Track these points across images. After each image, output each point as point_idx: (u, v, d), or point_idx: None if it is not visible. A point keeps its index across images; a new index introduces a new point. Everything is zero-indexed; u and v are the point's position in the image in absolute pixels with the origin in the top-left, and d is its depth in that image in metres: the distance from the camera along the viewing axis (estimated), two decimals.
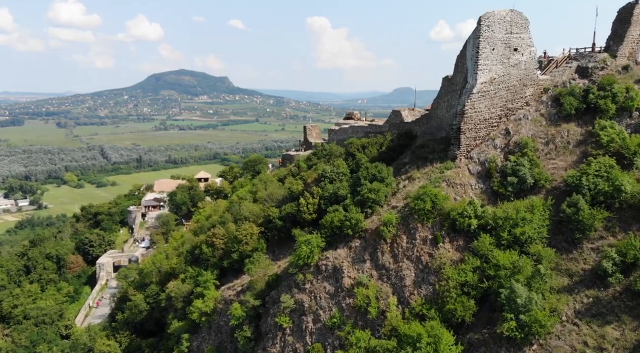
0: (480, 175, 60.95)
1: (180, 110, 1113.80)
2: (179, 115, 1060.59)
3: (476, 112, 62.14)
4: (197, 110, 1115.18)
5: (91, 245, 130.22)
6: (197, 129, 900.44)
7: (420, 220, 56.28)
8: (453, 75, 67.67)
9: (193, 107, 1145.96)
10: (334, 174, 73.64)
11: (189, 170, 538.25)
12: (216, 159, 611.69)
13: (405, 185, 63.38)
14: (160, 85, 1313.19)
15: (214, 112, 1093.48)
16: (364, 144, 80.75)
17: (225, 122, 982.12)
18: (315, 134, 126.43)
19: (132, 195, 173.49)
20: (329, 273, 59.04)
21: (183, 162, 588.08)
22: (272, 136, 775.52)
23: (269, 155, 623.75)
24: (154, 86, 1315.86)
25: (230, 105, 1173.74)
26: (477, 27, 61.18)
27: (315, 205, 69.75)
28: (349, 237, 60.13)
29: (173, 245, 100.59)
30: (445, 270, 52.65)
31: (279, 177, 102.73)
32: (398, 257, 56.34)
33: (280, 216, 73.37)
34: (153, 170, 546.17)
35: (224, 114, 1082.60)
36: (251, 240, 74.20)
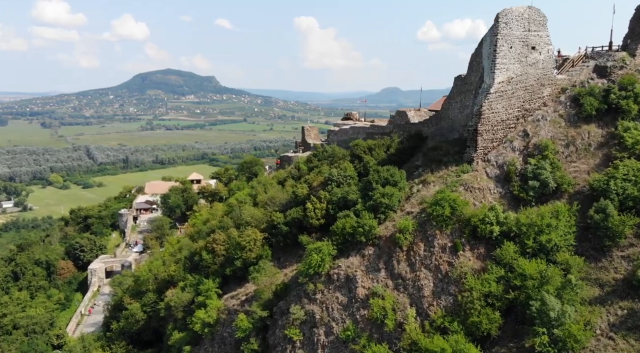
0: (498, 179, 58.28)
1: (167, 110, 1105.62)
2: (166, 115, 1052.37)
3: (493, 113, 59.50)
4: (184, 110, 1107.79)
5: (82, 250, 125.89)
6: (184, 128, 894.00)
7: (439, 227, 53.47)
8: (467, 74, 65.00)
9: (180, 107, 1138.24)
10: (341, 178, 70.60)
11: (176, 171, 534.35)
12: (204, 159, 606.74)
13: (419, 189, 60.57)
14: (146, 84, 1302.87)
15: (201, 112, 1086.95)
16: (370, 146, 77.81)
17: (212, 122, 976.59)
18: (314, 135, 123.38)
19: (123, 198, 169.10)
20: (341, 282, 56.04)
21: (170, 163, 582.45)
22: (261, 136, 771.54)
23: (258, 155, 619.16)
24: (140, 86, 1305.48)
25: (217, 105, 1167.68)
26: (495, 24, 58.54)
27: (323, 210, 66.71)
28: (362, 245, 57.21)
29: (169, 251, 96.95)
30: (467, 280, 49.88)
31: (278, 180, 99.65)
32: (415, 265, 53.50)
33: (285, 221, 70.20)
34: (140, 171, 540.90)
35: (211, 113, 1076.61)
36: (255, 246, 70.93)
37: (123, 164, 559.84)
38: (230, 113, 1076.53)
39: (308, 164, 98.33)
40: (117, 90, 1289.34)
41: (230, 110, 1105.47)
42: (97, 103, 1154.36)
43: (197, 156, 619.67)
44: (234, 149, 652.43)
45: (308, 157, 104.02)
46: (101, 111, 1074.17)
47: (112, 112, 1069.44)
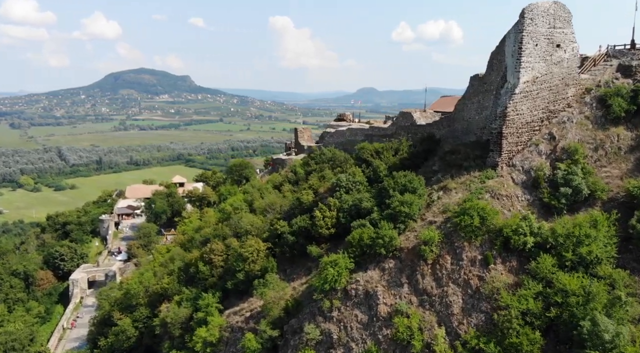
0: (525, 185, 54.58)
1: (140, 110, 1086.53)
2: (139, 115, 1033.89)
3: (518, 115, 55.82)
4: (158, 110, 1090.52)
5: (62, 259, 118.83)
6: (159, 128, 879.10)
7: (467, 238, 49.51)
8: (486, 73, 61.21)
9: (154, 107, 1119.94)
10: (350, 183, 66.38)
11: (152, 172, 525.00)
12: (180, 160, 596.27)
13: (440, 196, 56.54)
14: (119, 84, 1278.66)
15: (175, 112, 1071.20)
16: (377, 149, 73.74)
17: (187, 122, 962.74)
18: (307, 137, 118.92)
19: (102, 202, 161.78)
20: (360, 299, 51.72)
21: (145, 164, 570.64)
22: (238, 136, 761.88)
23: (236, 156, 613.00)
24: (112, 85, 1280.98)
25: (192, 105, 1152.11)
26: (520, 20, 54.85)
27: (333, 218, 62.34)
28: (381, 257, 52.98)
29: (159, 261, 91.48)
30: (502, 297, 45.95)
31: (274, 184, 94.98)
32: (442, 280, 49.45)
33: (291, 231, 65.60)
34: (114, 172, 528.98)
35: (186, 113, 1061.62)
36: (258, 257, 66.23)
37: (96, 166, 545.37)
38: (205, 113, 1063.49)
39: (305, 167, 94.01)
40: (88, 89, 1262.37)
41: (205, 110, 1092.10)
42: (68, 103, 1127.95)
43: (172, 157, 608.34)
44: (211, 150, 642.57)
45: (304, 160, 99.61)
46: (72, 111, 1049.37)
47: (83, 112, 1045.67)
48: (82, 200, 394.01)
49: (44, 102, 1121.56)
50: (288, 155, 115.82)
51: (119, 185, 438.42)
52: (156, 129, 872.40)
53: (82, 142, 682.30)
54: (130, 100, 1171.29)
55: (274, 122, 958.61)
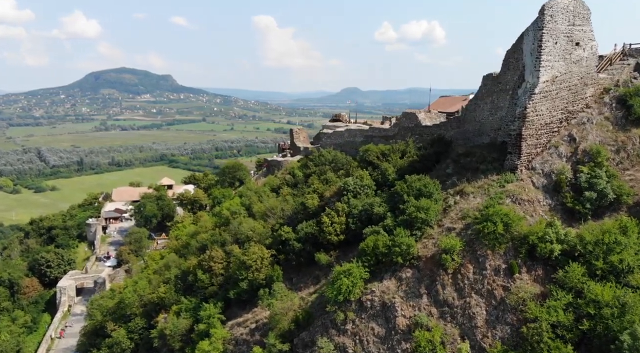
0: (547, 189, 52.28)
1: (121, 110, 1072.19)
2: (121, 115, 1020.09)
3: (537, 116, 53.52)
4: (140, 110, 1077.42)
5: (48, 265, 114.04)
6: (141, 129, 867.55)
7: (491, 246, 47.02)
8: (501, 72, 58.77)
9: (135, 107, 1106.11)
10: (358, 187, 63.60)
11: (134, 173, 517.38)
12: (163, 161, 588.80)
13: (457, 201, 54.00)
14: (99, 83, 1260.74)
15: (157, 112, 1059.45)
16: (383, 151, 71.09)
17: (170, 122, 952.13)
18: (303, 138, 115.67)
19: (88, 206, 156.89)
20: (376, 311, 48.97)
21: (128, 164, 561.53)
22: (222, 136, 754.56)
23: (220, 156, 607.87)
24: (92, 85, 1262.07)
25: (174, 104, 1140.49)
26: (540, 17, 52.50)
27: (342, 224, 59.48)
28: (397, 266, 50.32)
29: (153, 268, 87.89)
30: (530, 308, 43.49)
31: (271, 187, 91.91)
32: (464, 290, 46.89)
33: (297, 237, 62.61)
34: (96, 173, 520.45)
35: (168, 113, 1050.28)
36: (262, 265, 63.14)
37: (77, 167, 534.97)
38: (188, 112, 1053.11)
39: (304, 169, 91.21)
40: (68, 89, 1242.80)
41: (188, 110, 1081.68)
42: (48, 103, 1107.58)
43: (155, 157, 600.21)
44: (195, 150, 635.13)
45: (302, 162, 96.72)
46: (52, 111, 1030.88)
47: (63, 112, 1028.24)
48: (63, 201, 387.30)
49: (22, 102, 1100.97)
50: (284, 156, 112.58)
51: (101, 187, 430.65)
52: (138, 129, 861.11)
53: (62, 142, 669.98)
54: (111, 100, 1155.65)
55: (258, 122, 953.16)
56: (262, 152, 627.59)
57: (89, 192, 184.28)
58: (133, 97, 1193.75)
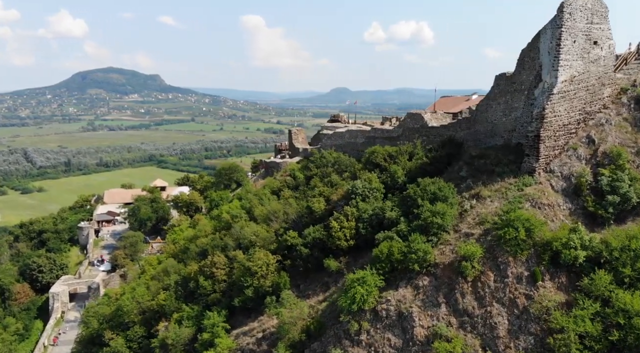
0: (566, 192, 50.51)
1: (109, 110, 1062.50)
2: (108, 115, 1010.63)
3: (556, 117, 51.79)
4: (128, 110, 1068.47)
5: (40, 270, 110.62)
6: (128, 129, 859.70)
7: (512, 253, 45.17)
8: (516, 72, 56.95)
9: (123, 107, 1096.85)
10: (367, 191, 61.56)
11: (123, 174, 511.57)
12: (152, 161, 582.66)
13: (473, 205, 52.11)
14: (86, 83, 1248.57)
15: (145, 112, 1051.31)
16: (390, 153, 69.16)
17: (158, 122, 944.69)
18: (301, 139, 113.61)
19: (79, 208, 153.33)
20: (392, 320, 46.94)
21: (116, 165, 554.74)
22: (211, 136, 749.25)
23: (210, 156, 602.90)
24: (79, 85, 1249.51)
25: (163, 104, 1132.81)
26: (559, 15, 50.76)
27: (352, 229, 57.39)
28: (413, 274, 48.36)
29: (150, 273, 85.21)
30: (556, 317, 41.66)
31: (272, 190, 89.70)
32: (485, 299, 44.99)
33: (305, 242, 60.45)
34: (84, 174, 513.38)
35: (156, 113, 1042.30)
36: (268, 272, 60.94)
37: (65, 167, 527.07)
38: (176, 112, 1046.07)
39: (305, 171, 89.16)
40: (55, 89, 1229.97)
41: (176, 110, 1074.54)
42: (34, 103, 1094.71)
43: (144, 158, 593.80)
44: (184, 150, 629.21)
45: (303, 164, 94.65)
46: (38, 111, 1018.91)
47: (50, 113, 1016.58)
48: (50, 203, 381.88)
49: (8, 102, 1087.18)
50: (282, 157, 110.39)
51: (89, 188, 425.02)
52: (126, 129, 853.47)
53: (49, 143, 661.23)
54: (99, 99, 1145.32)
55: (247, 122, 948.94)
56: (253, 152, 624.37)
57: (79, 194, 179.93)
58: (121, 97, 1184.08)
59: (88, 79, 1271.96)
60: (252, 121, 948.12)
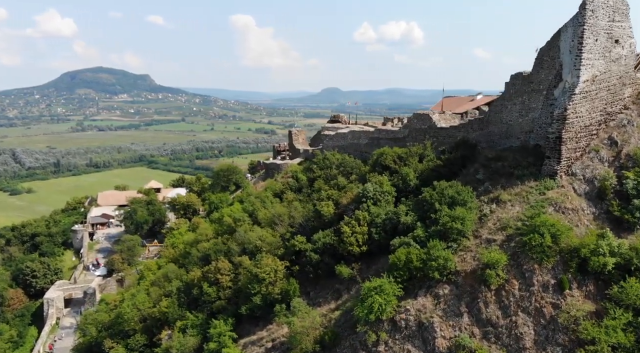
0: (589, 196, 48.79)
1: (98, 110, 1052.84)
2: (97, 115, 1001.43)
3: (577, 117, 50.05)
4: (117, 110, 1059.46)
5: (34, 275, 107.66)
6: (118, 129, 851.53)
7: (538, 260, 43.32)
8: (533, 71, 55.15)
9: (112, 107, 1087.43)
10: (378, 194, 59.54)
11: (113, 174, 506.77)
12: (142, 162, 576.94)
13: (492, 209, 50.24)
14: (75, 83, 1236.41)
15: (135, 112, 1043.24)
16: (400, 155, 67.12)
17: (148, 122, 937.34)
18: (302, 140, 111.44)
19: (72, 210, 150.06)
20: (411, 331, 44.92)
21: (106, 166, 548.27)
22: (202, 136, 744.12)
23: (201, 157, 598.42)
24: (68, 85, 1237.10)
25: (153, 104, 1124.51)
26: (581, 13, 48.97)
27: (365, 234, 55.35)
28: (432, 282, 46.38)
29: (150, 279, 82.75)
30: (586, 328, 39.84)
31: (274, 192, 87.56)
32: (509, 309, 43.09)
33: (314, 248, 58.31)
34: (73, 175, 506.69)
35: (146, 113, 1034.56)
36: (277, 278, 58.78)
37: (54, 168, 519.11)
38: (166, 112, 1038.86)
39: (308, 173, 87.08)
40: (43, 89, 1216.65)
41: (166, 110, 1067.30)
42: (22, 103, 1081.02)
43: (134, 158, 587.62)
44: (175, 150, 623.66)
45: (306, 166, 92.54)
46: (26, 112, 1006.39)
47: (38, 113, 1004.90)
48: (40, 204, 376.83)
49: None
50: (282, 159, 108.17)
51: (80, 189, 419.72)
52: (115, 130, 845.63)
53: (37, 143, 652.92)
54: (88, 99, 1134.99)
55: (238, 122, 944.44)
56: (244, 153, 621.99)
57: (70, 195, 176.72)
58: (110, 97, 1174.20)
59: (77, 79, 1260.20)
60: (243, 121, 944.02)
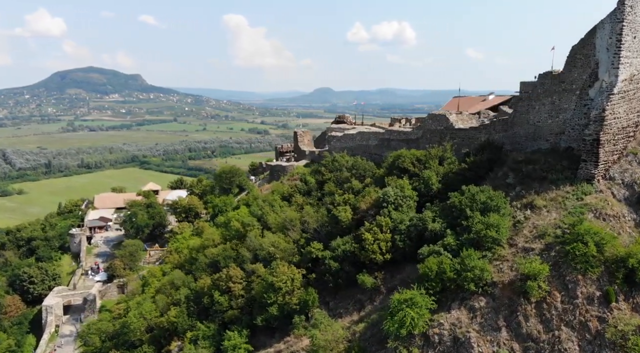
0: (629, 201, 46.31)
1: (89, 110, 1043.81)
2: (88, 115, 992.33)
3: (615, 119, 47.56)
4: (108, 110, 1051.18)
5: (31, 281, 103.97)
6: (109, 129, 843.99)
7: (582, 271, 40.72)
8: (565, 70, 52.56)
9: (103, 107, 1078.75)
10: (400, 199, 56.78)
11: (105, 175, 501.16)
12: (135, 162, 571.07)
13: (527, 216, 47.59)
14: (66, 83, 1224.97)
15: (126, 112, 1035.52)
16: (419, 157, 64.41)
17: (140, 122, 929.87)
18: (307, 141, 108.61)
19: (68, 213, 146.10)
20: (446, 346, 42.17)
21: (98, 166, 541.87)
22: (194, 136, 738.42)
23: (194, 157, 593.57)
24: (59, 84, 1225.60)
25: (144, 104, 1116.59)
26: (620, 9, 46.46)
27: (388, 242, 52.55)
28: (466, 294, 43.68)
29: (155, 286, 79.65)
30: (636, 343, 37.29)
31: (281, 195, 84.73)
32: (551, 322, 40.44)
33: (333, 256, 55.45)
34: (65, 176, 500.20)
35: (138, 113, 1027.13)
36: (294, 287, 55.92)
37: (45, 169, 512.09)
38: (158, 112, 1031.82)
39: (316, 176, 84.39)
40: (33, 89, 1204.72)
41: (158, 110, 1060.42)
42: (12, 103, 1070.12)
43: (126, 159, 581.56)
44: (167, 151, 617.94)
45: (314, 168, 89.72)
46: (16, 112, 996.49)
47: (28, 113, 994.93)
48: (31, 206, 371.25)
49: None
50: (287, 161, 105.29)
51: (72, 189, 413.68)
52: (107, 130, 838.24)
53: (28, 144, 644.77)
54: (79, 99, 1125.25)
55: (230, 122, 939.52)
56: (238, 153, 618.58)
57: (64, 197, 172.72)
58: (101, 97, 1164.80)
59: (67, 79, 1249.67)
60: (235, 121, 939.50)
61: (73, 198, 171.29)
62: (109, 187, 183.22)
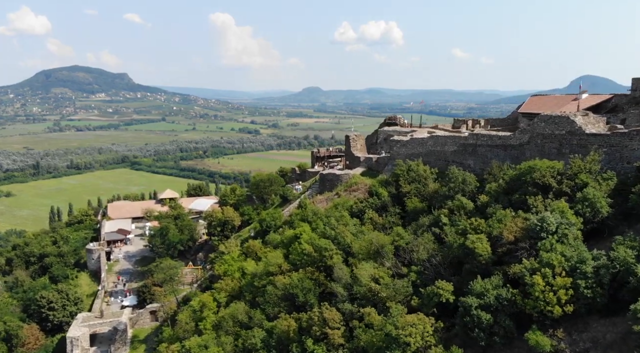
0: None
1: (75, 110, 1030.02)
2: (75, 115, 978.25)
3: None
4: (95, 109, 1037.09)
5: (51, 307, 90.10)
6: (97, 129, 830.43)
7: None
8: None
9: (90, 106, 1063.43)
10: (565, 227, 44.33)
11: (96, 176, 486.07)
12: (125, 163, 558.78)
13: None
14: (51, 82, 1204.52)
15: (114, 111, 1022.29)
16: (560, 171, 52.15)
17: (127, 122, 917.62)
18: (360, 146, 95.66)
19: (78, 224, 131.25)
20: None
21: (87, 167, 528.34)
22: (184, 136, 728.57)
23: (185, 158, 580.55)
24: (43, 83, 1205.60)
25: (131, 104, 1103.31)
26: None
27: (569, 288, 39.99)
28: None
29: (211, 320, 66.48)
30: None
31: (350, 211, 72.47)
32: None
33: (482, 304, 42.91)
34: (54, 177, 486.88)
35: (125, 112, 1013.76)
36: (426, 343, 43.43)
37: (33, 170, 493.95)
38: (146, 112, 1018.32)
39: (389, 188, 73.14)
40: (17, 88, 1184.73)
41: (146, 109, 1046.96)
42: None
43: (116, 159, 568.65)
44: (158, 151, 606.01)
45: (382, 179, 77.54)
46: (0, 111, 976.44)
47: (12, 113, 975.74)
48: (20, 208, 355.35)
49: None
50: (340, 169, 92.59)
51: (62, 191, 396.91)
52: (94, 130, 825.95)
53: (13, 144, 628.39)
54: (64, 99, 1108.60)
55: (220, 121, 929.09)
56: (230, 153, 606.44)
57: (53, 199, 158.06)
58: (87, 96, 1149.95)
59: (52, 78, 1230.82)
60: (225, 121, 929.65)
61: (67, 202, 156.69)
62: (101, 189, 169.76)
